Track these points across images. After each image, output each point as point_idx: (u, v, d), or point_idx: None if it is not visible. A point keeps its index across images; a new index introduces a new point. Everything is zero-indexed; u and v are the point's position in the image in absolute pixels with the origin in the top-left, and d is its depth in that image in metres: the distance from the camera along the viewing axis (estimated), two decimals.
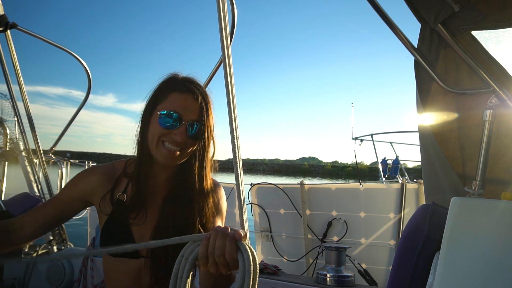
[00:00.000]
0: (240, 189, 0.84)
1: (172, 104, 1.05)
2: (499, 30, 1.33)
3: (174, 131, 1.04)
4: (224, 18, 0.78)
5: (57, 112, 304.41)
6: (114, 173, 1.16)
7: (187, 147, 1.07)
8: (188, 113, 1.05)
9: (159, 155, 1.06)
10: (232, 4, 2.13)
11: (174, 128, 1.04)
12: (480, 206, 0.85)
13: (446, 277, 0.81)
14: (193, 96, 1.06)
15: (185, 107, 1.05)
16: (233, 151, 0.82)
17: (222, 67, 0.80)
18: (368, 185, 3.49)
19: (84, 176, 1.15)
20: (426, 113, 1.50)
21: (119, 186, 1.14)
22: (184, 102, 1.05)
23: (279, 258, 3.67)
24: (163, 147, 1.05)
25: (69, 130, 3.33)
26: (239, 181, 0.85)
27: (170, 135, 1.04)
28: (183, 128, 1.04)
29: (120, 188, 1.13)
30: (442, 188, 1.53)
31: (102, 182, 1.13)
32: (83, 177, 1.15)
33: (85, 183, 1.14)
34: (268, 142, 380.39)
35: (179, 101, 1.05)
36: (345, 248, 2.31)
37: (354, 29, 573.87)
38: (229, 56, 0.80)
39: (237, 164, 0.84)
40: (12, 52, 2.61)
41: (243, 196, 0.86)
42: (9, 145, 3.53)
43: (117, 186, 1.14)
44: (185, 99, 1.05)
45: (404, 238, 1.16)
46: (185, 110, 1.05)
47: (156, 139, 1.05)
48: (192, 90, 1.07)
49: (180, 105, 1.05)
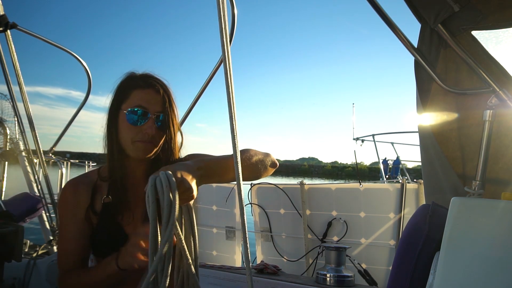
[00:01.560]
0: (240, 189, 0.85)
1: (136, 100, 1.09)
2: (499, 30, 1.33)
3: (143, 126, 1.08)
4: (224, 18, 0.78)
5: (56, 112, 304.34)
6: (91, 181, 1.16)
7: (157, 138, 1.11)
8: (152, 106, 1.09)
9: (135, 151, 1.10)
10: (232, 4, 2.13)
11: (143, 122, 1.08)
12: (480, 206, 0.85)
13: (446, 277, 0.81)
14: (154, 89, 1.10)
15: (148, 100, 1.09)
16: (233, 151, 0.83)
17: (222, 67, 0.80)
18: (368, 185, 3.49)
19: (71, 192, 1.14)
20: (426, 113, 1.50)
21: (101, 192, 1.14)
22: (147, 96, 1.09)
23: (279, 258, 3.67)
24: (138, 143, 1.09)
25: (68, 131, 3.33)
26: (239, 181, 0.85)
27: (141, 131, 1.08)
28: (151, 121, 1.08)
29: (102, 193, 1.14)
30: (442, 188, 1.53)
31: (85, 192, 1.14)
32: (72, 193, 1.14)
33: (76, 198, 1.13)
34: (268, 142, 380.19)
35: (142, 96, 1.09)
36: (345, 248, 2.31)
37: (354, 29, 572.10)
38: (229, 56, 0.80)
39: (237, 164, 0.84)
40: (12, 52, 2.61)
41: (243, 196, 0.86)
42: (9, 145, 3.53)
43: (98, 192, 1.14)
44: (147, 93, 1.10)
45: (404, 238, 1.16)
46: (149, 104, 1.09)
47: (130, 139, 1.09)
48: (153, 83, 1.11)
49: (143, 99, 1.09)
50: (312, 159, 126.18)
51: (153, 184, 0.81)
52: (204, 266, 2.42)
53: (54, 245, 2.86)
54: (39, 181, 3.08)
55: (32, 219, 3.17)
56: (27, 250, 2.81)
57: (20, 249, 1.62)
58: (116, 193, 1.12)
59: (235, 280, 2.27)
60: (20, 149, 3.39)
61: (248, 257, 0.87)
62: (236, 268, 2.51)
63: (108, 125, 1.13)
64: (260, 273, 2.28)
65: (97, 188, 1.15)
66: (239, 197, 0.85)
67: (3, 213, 1.80)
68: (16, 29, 2.47)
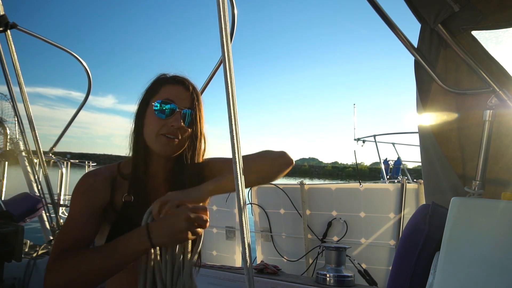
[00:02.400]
0: (240, 189, 0.84)
1: (165, 94, 1.10)
2: (499, 30, 1.33)
3: (170, 119, 1.08)
4: (224, 18, 0.78)
5: (56, 113, 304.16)
6: (111, 175, 1.13)
7: (183, 134, 1.11)
8: (181, 101, 1.10)
9: (159, 146, 1.09)
10: (232, 4, 2.13)
11: (170, 116, 1.08)
12: (480, 206, 0.85)
13: (446, 277, 0.81)
14: (184, 86, 1.12)
15: (177, 95, 1.10)
16: (232, 151, 0.82)
17: (221, 67, 0.80)
18: (368, 185, 3.49)
19: (91, 181, 1.10)
20: (426, 113, 1.50)
21: (121, 188, 1.12)
22: (176, 91, 1.11)
23: (279, 258, 3.67)
24: (162, 137, 1.08)
25: (69, 131, 3.33)
26: (239, 181, 0.85)
27: (167, 125, 1.08)
28: (178, 115, 1.08)
29: (123, 190, 1.11)
30: (442, 188, 1.53)
31: (105, 184, 1.10)
32: (91, 181, 1.10)
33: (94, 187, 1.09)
34: (268, 143, 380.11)
35: (171, 90, 1.11)
36: (345, 248, 2.31)
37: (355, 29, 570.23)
38: (229, 56, 0.80)
39: (237, 164, 0.83)
40: (12, 52, 2.61)
41: (243, 196, 0.86)
42: (9, 145, 3.54)
43: (118, 188, 1.11)
44: (177, 88, 1.11)
45: (404, 238, 1.16)
46: (178, 98, 1.10)
47: (155, 132, 1.08)
48: (182, 80, 1.13)
49: (172, 94, 1.10)
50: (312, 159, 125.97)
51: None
52: (204, 266, 2.42)
53: None
54: (39, 181, 3.08)
55: (32, 219, 3.17)
56: (27, 250, 2.81)
57: (20, 249, 1.62)
58: (137, 192, 1.10)
59: (235, 280, 2.27)
60: (20, 149, 3.39)
61: (249, 257, 0.87)
62: (236, 268, 2.52)
63: (135, 120, 1.14)
64: (260, 273, 2.29)
65: (118, 183, 1.12)
66: (239, 197, 0.85)
67: (3, 213, 1.80)
68: (16, 29, 2.47)
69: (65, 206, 3.86)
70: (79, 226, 1.04)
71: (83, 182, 1.09)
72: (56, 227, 2.92)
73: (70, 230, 1.05)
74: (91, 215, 1.06)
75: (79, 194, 1.08)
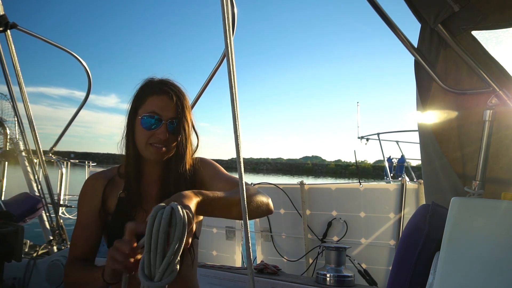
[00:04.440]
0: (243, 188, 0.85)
1: (151, 107, 1.16)
2: (499, 30, 1.33)
3: (157, 131, 1.15)
4: (227, 15, 0.78)
5: (60, 112, 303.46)
6: (110, 176, 1.26)
7: (171, 143, 1.19)
8: (165, 112, 1.16)
9: (148, 154, 1.18)
10: (232, 3, 2.13)
11: (156, 128, 1.15)
12: (480, 206, 0.85)
13: (446, 277, 0.81)
14: (168, 96, 1.17)
15: (162, 107, 1.16)
16: (236, 150, 0.83)
17: (222, 66, 0.80)
18: (368, 185, 3.49)
19: (91, 184, 1.24)
20: (426, 113, 1.50)
21: (118, 187, 1.23)
22: (161, 102, 1.16)
23: (279, 258, 3.68)
24: (151, 147, 1.17)
25: (72, 131, 3.34)
26: (242, 181, 0.85)
27: (154, 135, 1.16)
28: (164, 127, 1.16)
29: (119, 189, 1.23)
30: (442, 188, 1.53)
31: (103, 185, 1.23)
32: (91, 185, 1.24)
33: (94, 190, 1.23)
34: (271, 141, 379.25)
35: (156, 102, 1.16)
36: (345, 248, 2.31)
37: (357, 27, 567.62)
38: (232, 55, 0.80)
39: (240, 164, 0.84)
40: (12, 52, 2.61)
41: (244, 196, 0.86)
42: (9, 145, 3.53)
43: (115, 187, 1.23)
44: (161, 100, 1.17)
45: (404, 238, 1.16)
46: (163, 110, 1.16)
47: (144, 142, 1.16)
48: (167, 91, 1.18)
49: (157, 106, 1.16)
50: (315, 157, 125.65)
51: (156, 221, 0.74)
52: (204, 266, 2.42)
53: (54, 245, 2.86)
54: (39, 181, 3.08)
55: (32, 219, 3.17)
56: (27, 250, 2.81)
57: (20, 249, 1.62)
58: (130, 190, 1.20)
59: (235, 280, 2.27)
60: (20, 149, 3.39)
61: (250, 257, 0.87)
62: (236, 268, 2.52)
63: (126, 128, 1.22)
64: (260, 273, 2.28)
65: (115, 183, 1.24)
66: (242, 197, 0.85)
67: (3, 213, 1.80)
68: (16, 29, 2.47)
69: (65, 206, 3.86)
70: (84, 232, 1.20)
71: (84, 188, 1.24)
72: (56, 227, 2.92)
73: (78, 238, 1.22)
74: (94, 218, 1.20)
75: (81, 200, 1.23)
